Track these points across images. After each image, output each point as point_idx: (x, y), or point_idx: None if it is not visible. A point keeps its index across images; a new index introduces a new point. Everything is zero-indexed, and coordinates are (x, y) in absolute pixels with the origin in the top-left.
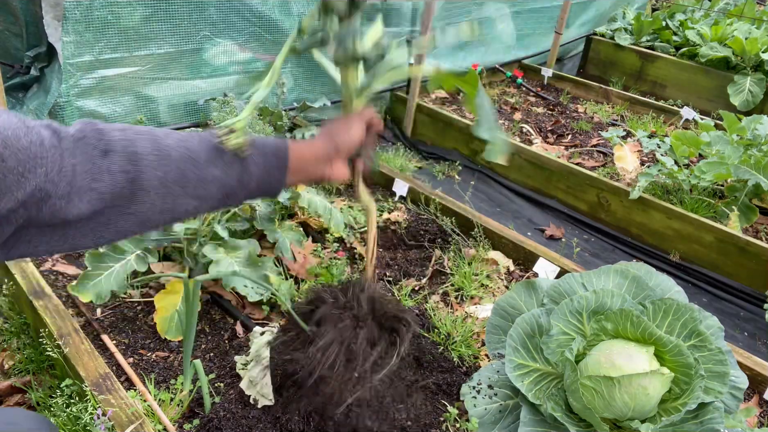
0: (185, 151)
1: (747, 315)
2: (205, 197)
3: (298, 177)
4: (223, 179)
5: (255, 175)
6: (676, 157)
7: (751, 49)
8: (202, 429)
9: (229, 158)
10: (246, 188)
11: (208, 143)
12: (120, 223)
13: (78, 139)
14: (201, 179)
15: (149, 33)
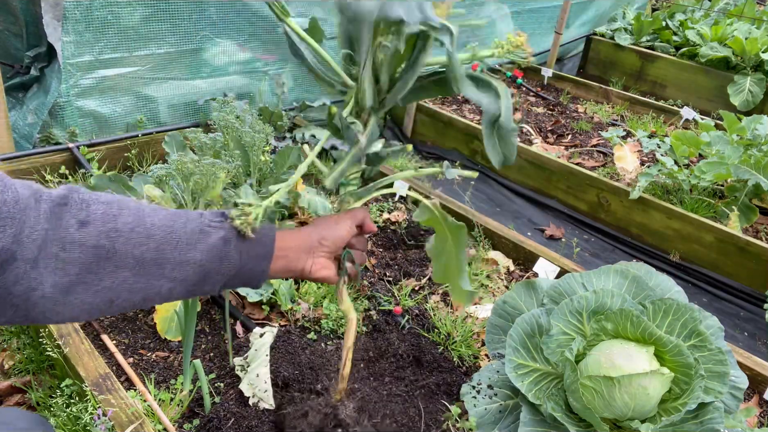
0: (169, 231)
1: (747, 315)
2: (179, 279)
3: (279, 266)
4: (203, 263)
5: (236, 262)
6: (676, 157)
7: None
8: (202, 429)
9: (213, 242)
10: (225, 275)
11: (195, 225)
12: (88, 299)
13: (58, 204)
14: (179, 261)
15: (149, 33)
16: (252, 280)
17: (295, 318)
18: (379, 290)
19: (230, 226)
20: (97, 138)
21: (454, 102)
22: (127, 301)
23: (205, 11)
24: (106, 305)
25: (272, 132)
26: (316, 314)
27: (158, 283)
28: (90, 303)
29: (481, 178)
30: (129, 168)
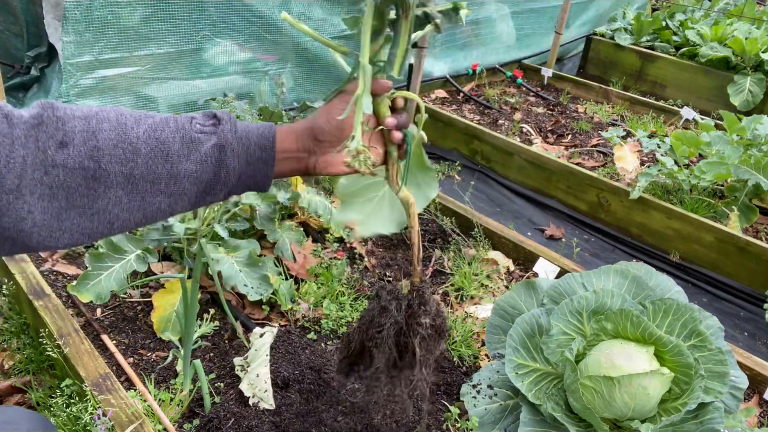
0: (156, 143)
1: (747, 315)
2: (178, 194)
3: (282, 168)
4: (199, 175)
5: (236, 169)
6: (676, 157)
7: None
8: (202, 429)
9: (207, 151)
10: (226, 184)
11: (184, 133)
12: (84, 223)
13: (33, 126)
14: (172, 175)
15: (149, 33)
16: (257, 185)
17: (295, 318)
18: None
19: (225, 128)
20: None
21: (454, 102)
22: (127, 221)
23: (205, 11)
24: (106, 228)
25: None
26: (316, 314)
27: (156, 200)
28: (88, 227)
29: (481, 178)
30: None
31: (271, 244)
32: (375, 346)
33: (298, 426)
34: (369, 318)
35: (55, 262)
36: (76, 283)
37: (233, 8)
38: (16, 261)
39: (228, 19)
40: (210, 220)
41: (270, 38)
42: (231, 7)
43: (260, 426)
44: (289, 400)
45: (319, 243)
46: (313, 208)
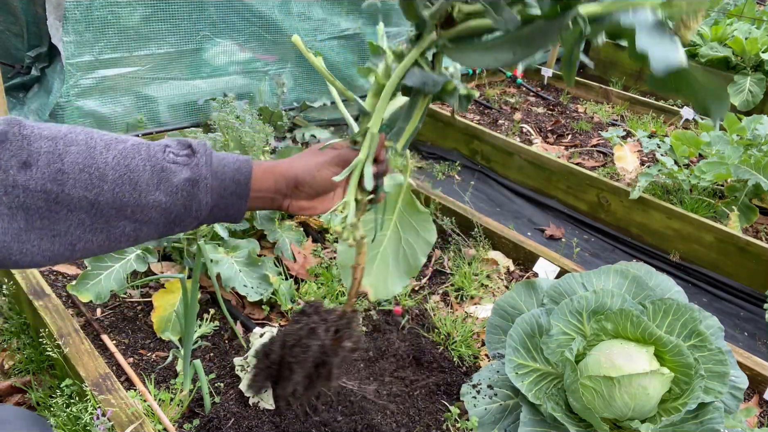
0: (124, 171)
1: (747, 315)
2: (144, 222)
3: (256, 205)
4: (168, 206)
5: (208, 204)
6: (676, 157)
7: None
8: (202, 429)
9: (178, 183)
10: (197, 218)
11: (155, 162)
12: (45, 245)
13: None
14: (140, 204)
15: (149, 33)
16: (229, 218)
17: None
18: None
19: (200, 162)
20: None
21: None
22: (90, 243)
23: (205, 11)
24: (67, 250)
25: (272, 132)
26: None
27: (120, 224)
28: (49, 249)
29: (481, 178)
30: None
31: (271, 244)
32: (297, 363)
33: (298, 426)
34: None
35: None
36: (76, 283)
37: (233, 8)
38: None
39: (228, 19)
40: None
41: (270, 38)
42: (231, 7)
43: (260, 426)
44: None
45: (319, 243)
46: None
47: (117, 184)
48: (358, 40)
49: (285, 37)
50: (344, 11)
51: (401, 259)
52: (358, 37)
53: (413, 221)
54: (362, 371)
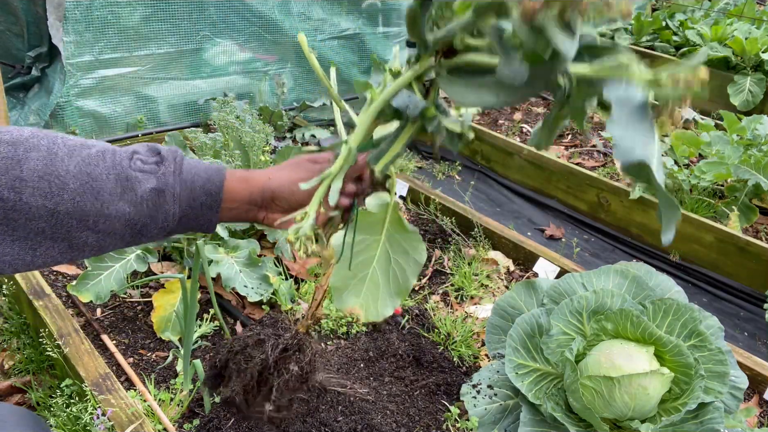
0: (87, 180)
1: (747, 315)
2: (107, 232)
3: (228, 216)
4: (132, 217)
5: (175, 215)
6: (676, 157)
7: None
8: (202, 429)
9: (143, 193)
10: (164, 228)
11: (120, 171)
12: (5, 250)
13: None
14: (102, 214)
15: (149, 33)
16: (200, 228)
17: (295, 318)
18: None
19: (168, 170)
20: (97, 138)
21: None
22: (51, 250)
23: (205, 11)
24: (29, 255)
25: (272, 132)
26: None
27: (82, 235)
28: (9, 254)
29: (481, 178)
30: None
31: (271, 244)
32: (237, 370)
33: (298, 426)
34: (243, 344)
35: None
36: (76, 283)
37: (233, 8)
38: None
39: (228, 19)
40: None
41: (270, 38)
42: (231, 7)
43: (260, 426)
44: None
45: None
46: None
47: (78, 194)
48: (358, 40)
49: (285, 37)
50: (344, 11)
51: (391, 280)
52: (358, 37)
53: (402, 241)
54: (362, 371)
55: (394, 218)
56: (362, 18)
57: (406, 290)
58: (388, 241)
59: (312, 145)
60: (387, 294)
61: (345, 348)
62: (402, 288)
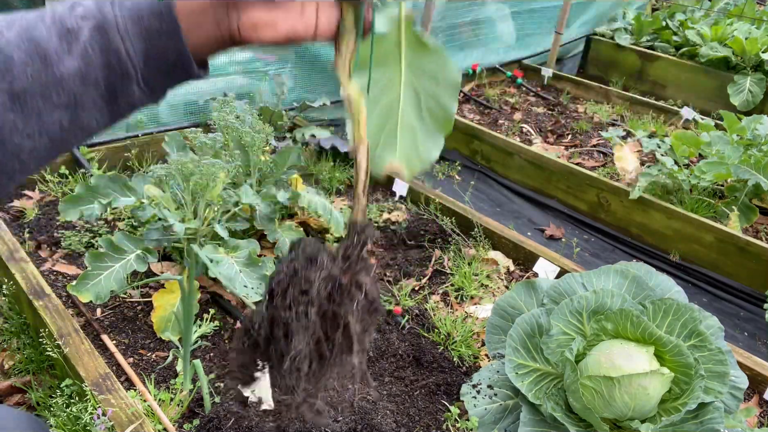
0: (31, 45)
1: (747, 315)
2: (75, 104)
3: (200, 37)
4: (85, 71)
5: (129, 52)
6: (676, 157)
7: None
8: (202, 429)
9: (86, 38)
10: (128, 75)
11: (61, 25)
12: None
13: None
14: (57, 80)
15: None
16: (176, 67)
17: None
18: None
19: (104, 7)
20: (96, 138)
21: None
22: (35, 150)
23: None
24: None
25: (272, 132)
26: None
27: (54, 117)
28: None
29: (481, 178)
30: (129, 168)
31: (271, 244)
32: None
33: (298, 426)
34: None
35: (55, 262)
36: (76, 283)
37: None
38: (16, 261)
39: None
40: (210, 220)
41: None
42: None
43: (260, 426)
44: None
45: None
46: (313, 208)
47: (26, 63)
48: None
49: None
50: None
51: (427, 116)
52: None
53: (427, 64)
54: None
55: (410, 38)
56: None
57: (449, 121)
58: (410, 69)
59: (312, 145)
60: (426, 134)
61: None
62: (444, 120)
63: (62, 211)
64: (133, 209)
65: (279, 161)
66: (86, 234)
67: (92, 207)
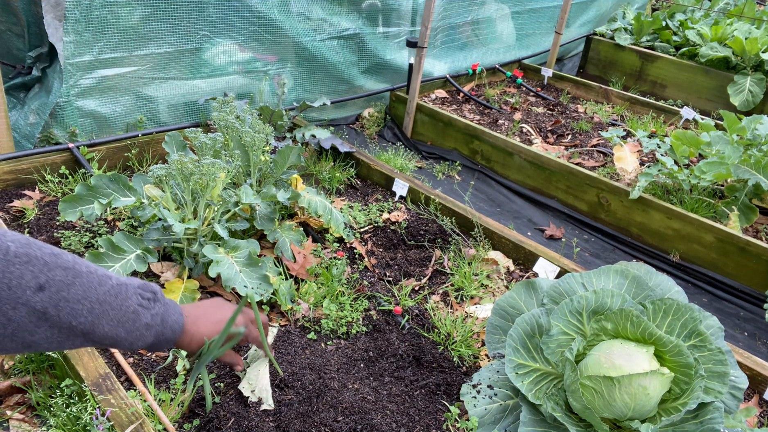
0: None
1: (747, 315)
2: (95, 342)
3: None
4: (121, 339)
5: (149, 342)
6: (676, 157)
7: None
8: (202, 429)
9: (139, 326)
10: (135, 349)
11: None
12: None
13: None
14: (104, 335)
15: (149, 33)
16: (151, 350)
17: (295, 318)
18: (379, 290)
19: (159, 311)
20: (97, 138)
21: (454, 102)
22: (39, 347)
23: (205, 11)
24: (19, 348)
25: (272, 132)
26: (316, 314)
27: (76, 341)
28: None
29: (481, 178)
30: (129, 168)
31: (271, 244)
32: None
33: (298, 426)
34: None
35: None
36: None
37: (233, 8)
38: None
39: (228, 18)
40: (210, 220)
41: (270, 38)
42: (231, 7)
43: (260, 426)
44: (289, 400)
45: (319, 243)
46: (313, 208)
47: (98, 317)
48: (358, 40)
49: (285, 37)
50: (344, 11)
51: None
52: (358, 37)
53: None
54: (362, 371)
55: None
56: (362, 18)
57: None
58: None
59: (312, 145)
60: None
61: (345, 348)
62: None
63: (62, 211)
64: (133, 209)
65: (279, 161)
66: (86, 234)
67: (92, 207)
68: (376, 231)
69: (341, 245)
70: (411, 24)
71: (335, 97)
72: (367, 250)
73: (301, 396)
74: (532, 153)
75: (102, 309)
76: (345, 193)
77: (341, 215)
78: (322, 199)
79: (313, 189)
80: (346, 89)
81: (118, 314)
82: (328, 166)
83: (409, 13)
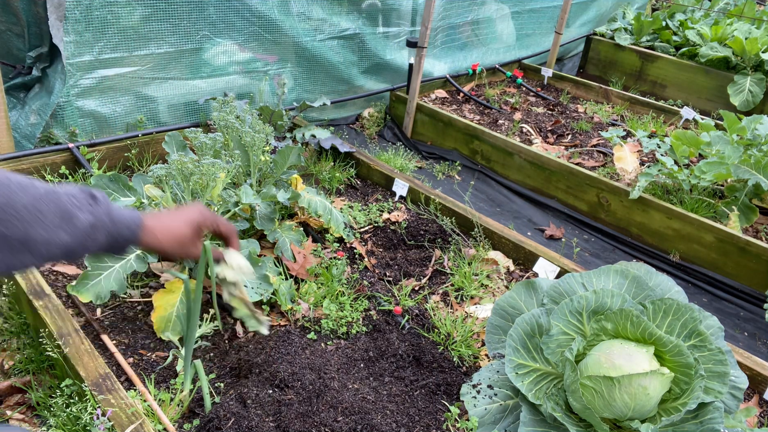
0: (35, 213)
1: (747, 315)
2: (46, 257)
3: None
4: (69, 244)
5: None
6: (676, 157)
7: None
8: (202, 429)
9: (82, 227)
10: (91, 252)
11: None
12: None
13: None
14: (46, 241)
15: (149, 33)
16: (116, 253)
17: (295, 318)
18: (379, 290)
19: (100, 209)
20: (97, 138)
21: (454, 102)
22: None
23: (205, 11)
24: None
25: (272, 132)
26: (316, 314)
27: (22, 258)
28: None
29: (481, 178)
30: (129, 168)
31: (271, 244)
32: None
33: (298, 426)
34: None
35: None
36: (76, 283)
37: (233, 8)
38: None
39: (228, 19)
40: None
41: (270, 38)
42: (231, 7)
43: (260, 426)
44: (289, 400)
45: (319, 243)
46: (313, 208)
47: (29, 223)
48: (358, 40)
49: (285, 37)
50: (344, 11)
51: None
52: (358, 37)
53: None
54: (362, 371)
55: None
56: (362, 18)
57: None
58: None
59: (312, 145)
60: None
61: (345, 348)
62: None
63: None
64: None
65: (279, 161)
66: None
67: None
68: (376, 231)
69: (341, 245)
70: (411, 24)
71: (335, 97)
72: (367, 250)
73: (301, 396)
74: (532, 153)
75: (31, 215)
76: (345, 193)
77: (341, 215)
78: (322, 199)
79: (313, 189)
80: (346, 89)
81: (51, 217)
82: (328, 166)
83: (409, 13)
